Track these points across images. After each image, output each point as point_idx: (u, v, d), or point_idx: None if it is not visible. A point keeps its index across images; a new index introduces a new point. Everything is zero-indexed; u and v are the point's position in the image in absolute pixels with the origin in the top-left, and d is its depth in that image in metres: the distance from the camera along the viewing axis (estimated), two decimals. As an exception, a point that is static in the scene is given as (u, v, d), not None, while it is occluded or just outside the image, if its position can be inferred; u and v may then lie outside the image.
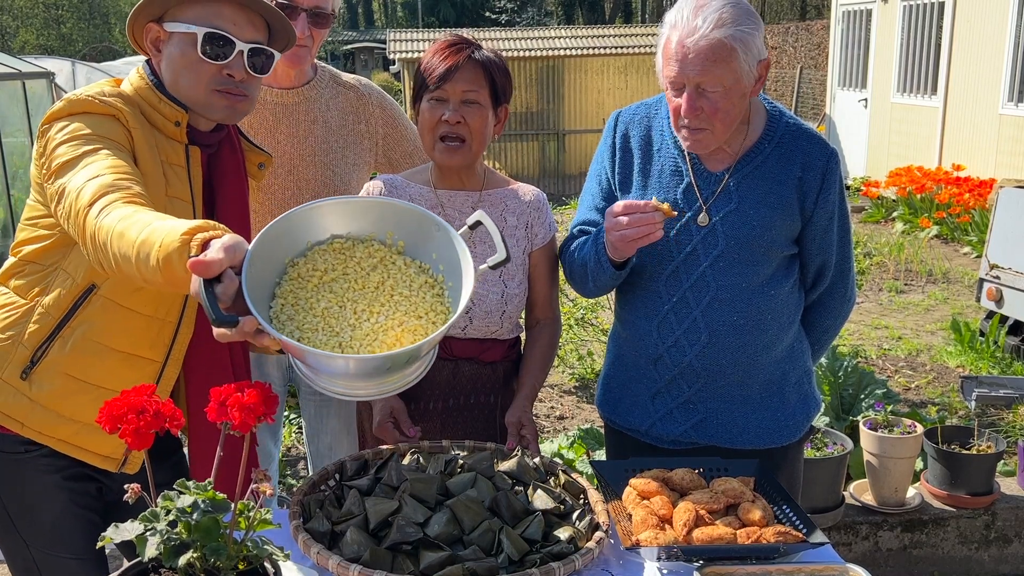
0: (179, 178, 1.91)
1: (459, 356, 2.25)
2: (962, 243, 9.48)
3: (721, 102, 2.01)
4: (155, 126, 1.89)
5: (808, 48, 19.56)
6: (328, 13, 2.46)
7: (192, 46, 1.85)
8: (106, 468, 1.95)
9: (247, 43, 1.88)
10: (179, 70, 1.88)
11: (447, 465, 1.97)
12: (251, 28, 1.89)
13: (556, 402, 5.41)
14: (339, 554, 1.70)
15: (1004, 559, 3.69)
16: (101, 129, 1.78)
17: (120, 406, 1.27)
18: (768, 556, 1.76)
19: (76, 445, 1.93)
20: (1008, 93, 10.67)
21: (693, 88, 2.01)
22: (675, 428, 2.25)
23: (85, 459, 1.94)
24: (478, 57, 2.12)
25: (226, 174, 2.03)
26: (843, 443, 3.60)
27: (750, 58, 2.01)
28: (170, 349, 1.94)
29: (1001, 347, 5.95)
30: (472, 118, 2.13)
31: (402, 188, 2.26)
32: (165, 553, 1.25)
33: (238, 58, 1.87)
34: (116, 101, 1.83)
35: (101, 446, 1.94)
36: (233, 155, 2.05)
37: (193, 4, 1.86)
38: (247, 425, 1.27)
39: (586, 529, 1.83)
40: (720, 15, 1.97)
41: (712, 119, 2.03)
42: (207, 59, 1.85)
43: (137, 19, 1.90)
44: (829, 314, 2.32)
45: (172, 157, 1.91)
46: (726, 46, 1.97)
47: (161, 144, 1.89)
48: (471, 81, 2.11)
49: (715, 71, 1.98)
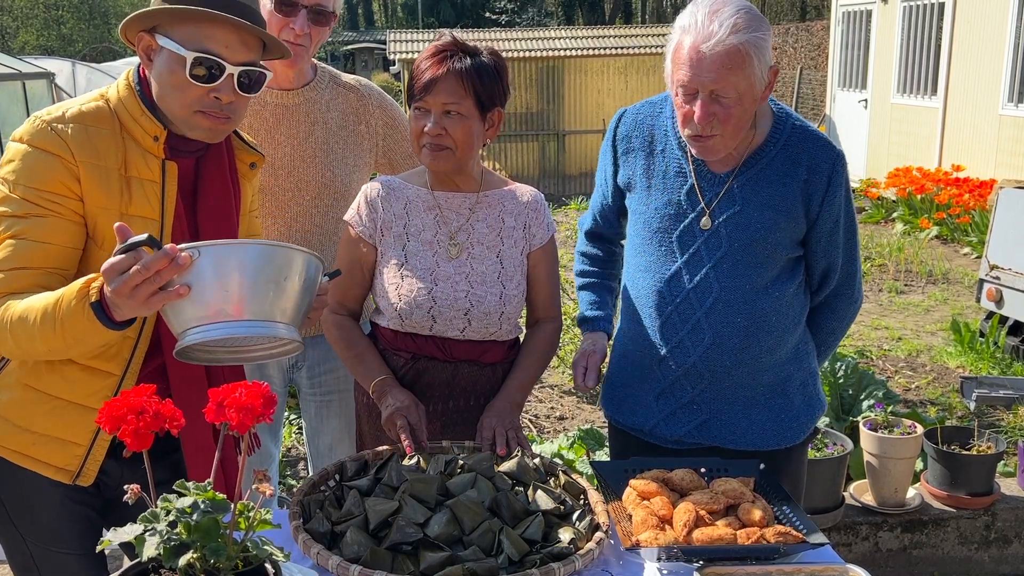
0: (147, 194, 1.88)
1: (458, 358, 2.24)
2: (962, 244, 9.48)
3: (734, 108, 1.99)
4: (133, 137, 1.88)
5: (808, 49, 19.57)
6: (329, 12, 2.44)
7: (181, 67, 1.80)
8: (60, 480, 1.93)
9: (238, 66, 1.84)
10: (166, 87, 1.84)
11: (447, 465, 1.97)
12: (244, 49, 1.85)
13: (556, 402, 5.41)
14: (339, 554, 1.70)
15: (1004, 560, 3.68)
16: (38, 180, 1.78)
17: (120, 407, 1.27)
18: (768, 556, 1.76)
19: (31, 456, 1.92)
20: (1008, 94, 10.67)
21: (707, 95, 1.98)
22: (678, 429, 2.24)
23: (39, 470, 1.92)
24: (460, 67, 2.11)
25: (212, 176, 2.01)
26: (843, 443, 3.60)
27: (763, 64, 1.99)
28: (128, 363, 1.92)
29: (1001, 347, 5.94)
30: (453, 128, 2.12)
31: (400, 190, 2.26)
32: (165, 554, 1.24)
33: (227, 80, 1.84)
34: (68, 131, 1.81)
35: (56, 458, 1.92)
36: (219, 157, 2.01)
37: (185, 22, 1.81)
38: (245, 426, 1.26)
39: (586, 529, 1.83)
40: (736, 20, 1.94)
41: (724, 125, 2.01)
42: (195, 82, 1.81)
43: (129, 28, 1.88)
44: (835, 316, 2.31)
45: (144, 172, 1.88)
46: (742, 52, 1.94)
47: (134, 158, 1.87)
48: (451, 93, 2.10)
49: (730, 78, 1.95)
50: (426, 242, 2.22)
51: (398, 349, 2.26)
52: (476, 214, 2.24)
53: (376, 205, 2.25)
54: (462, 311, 2.19)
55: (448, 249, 2.21)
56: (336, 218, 2.59)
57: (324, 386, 2.71)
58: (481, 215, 2.24)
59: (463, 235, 2.23)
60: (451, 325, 2.20)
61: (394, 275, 2.22)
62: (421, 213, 2.24)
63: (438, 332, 2.21)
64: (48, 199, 1.80)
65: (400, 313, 2.21)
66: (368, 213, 2.26)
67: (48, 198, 1.80)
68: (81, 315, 1.65)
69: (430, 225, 2.23)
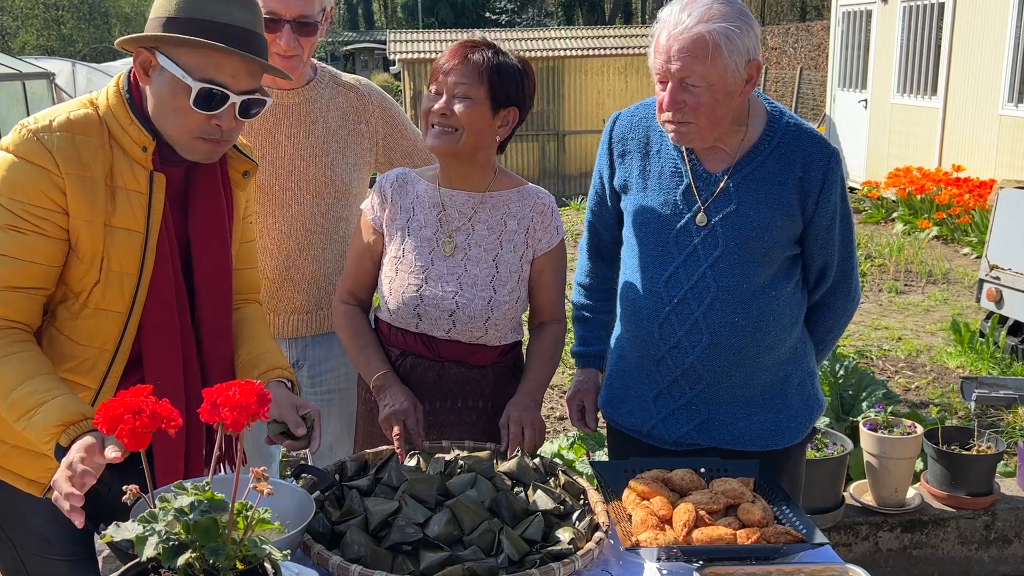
0: (133, 205, 1.84)
1: (445, 358, 2.23)
2: (962, 244, 9.48)
3: (703, 97, 2.01)
4: (121, 146, 1.84)
5: (808, 49, 19.56)
6: (313, 22, 2.42)
7: (185, 94, 1.77)
8: (31, 492, 1.92)
9: (242, 94, 1.82)
10: (166, 109, 1.81)
11: (447, 466, 1.97)
12: (249, 78, 1.83)
13: (556, 403, 5.40)
14: (339, 554, 1.70)
15: (1004, 559, 3.68)
16: (22, 192, 1.76)
17: (117, 407, 1.27)
18: (768, 556, 1.76)
19: (2, 467, 1.92)
20: (1008, 94, 10.66)
21: (676, 82, 2.01)
22: (677, 430, 2.24)
23: (11, 481, 1.92)
24: (479, 57, 2.13)
25: (204, 186, 1.98)
26: (843, 444, 3.59)
27: (736, 56, 1.99)
28: (105, 377, 1.90)
29: (1001, 348, 5.94)
30: (462, 110, 2.12)
31: (412, 184, 2.27)
32: (164, 554, 1.24)
33: (229, 109, 1.82)
34: (54, 140, 1.78)
35: (27, 469, 1.91)
36: (211, 167, 1.98)
37: (191, 49, 1.77)
38: (240, 424, 1.26)
39: (586, 529, 1.83)
40: (706, 11, 1.97)
41: (695, 114, 2.03)
42: (198, 110, 1.79)
43: (127, 42, 1.84)
44: (832, 314, 2.31)
45: (131, 182, 1.84)
46: (708, 41, 1.96)
47: (121, 167, 1.83)
48: (465, 75, 2.12)
49: (696, 66, 1.98)
50: (425, 239, 2.22)
51: (391, 344, 2.27)
52: (478, 215, 2.23)
53: (387, 196, 2.26)
54: (447, 312, 2.18)
55: (444, 246, 2.21)
56: (336, 217, 2.59)
57: (325, 385, 2.71)
58: (483, 216, 2.23)
59: (462, 235, 2.22)
60: (436, 325, 2.19)
61: (390, 268, 2.23)
62: (426, 209, 2.24)
63: (424, 330, 2.21)
64: (32, 213, 1.77)
65: (389, 307, 2.22)
66: (380, 203, 2.27)
67: (33, 212, 1.77)
68: (42, 438, 1.70)
69: (431, 222, 2.23)
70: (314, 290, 2.61)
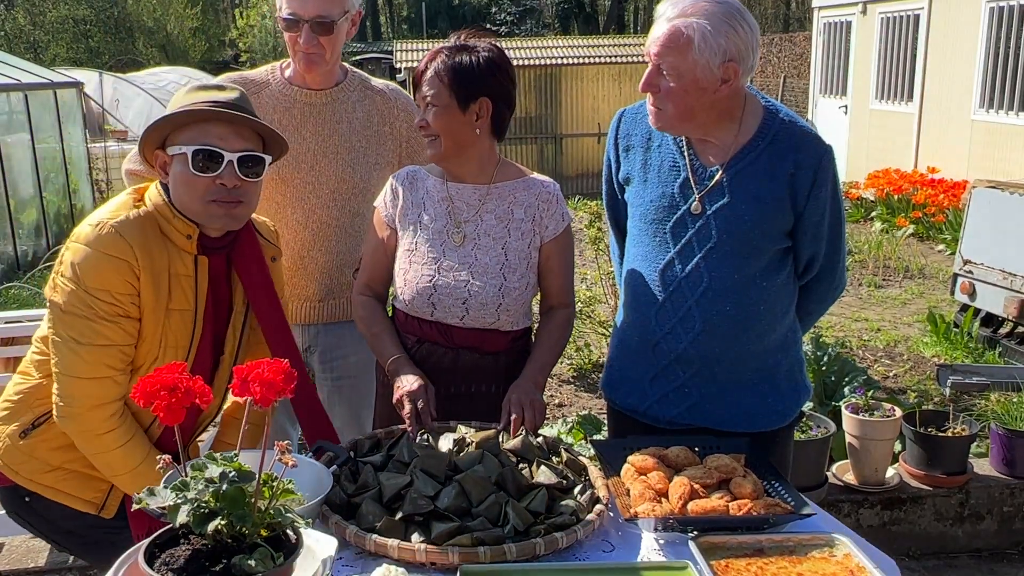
0: (183, 288, 2.00)
1: (459, 345, 2.23)
2: (937, 241, 9.50)
3: (675, 87, 2.03)
4: (169, 239, 1.98)
5: (791, 58, 19.56)
6: (329, 21, 2.44)
7: (186, 164, 1.92)
8: (87, 511, 2.05)
9: (236, 152, 1.94)
10: (179, 187, 1.95)
11: (456, 443, 1.97)
12: (239, 140, 1.96)
13: (555, 391, 5.41)
14: (356, 524, 1.71)
15: (977, 535, 3.69)
16: (108, 282, 1.90)
17: (153, 383, 1.28)
18: (758, 526, 1.77)
19: (60, 490, 2.04)
20: (979, 100, 10.67)
21: (654, 67, 2.05)
22: (671, 410, 2.24)
23: (68, 503, 2.05)
24: (438, 64, 2.15)
25: (250, 261, 2.12)
26: (827, 426, 3.60)
27: (708, 53, 1.98)
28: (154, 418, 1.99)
29: (974, 337, 5.95)
30: (433, 119, 2.16)
31: (422, 180, 2.28)
32: (194, 520, 1.25)
33: (228, 168, 1.94)
34: (132, 235, 1.92)
35: (83, 491, 2.05)
36: (250, 244, 2.13)
37: (187, 128, 1.94)
38: (268, 400, 1.27)
39: (587, 502, 1.84)
40: (689, 6, 1.99)
41: (666, 101, 2.05)
42: (199, 173, 1.92)
43: (146, 147, 1.99)
44: (813, 298, 2.31)
45: (180, 268, 1.99)
46: (683, 34, 1.98)
47: (173, 256, 1.98)
48: (430, 84, 2.15)
49: (669, 56, 2.01)
50: (436, 231, 2.22)
51: (407, 332, 2.27)
52: (485, 205, 2.24)
53: (399, 192, 2.27)
54: (460, 300, 2.18)
55: (453, 237, 2.22)
56: (352, 212, 2.59)
57: (336, 371, 2.71)
58: (490, 206, 2.24)
59: (471, 226, 2.23)
60: (450, 312, 2.20)
61: (404, 260, 2.24)
62: (435, 203, 2.24)
63: (439, 318, 2.22)
64: (118, 301, 1.91)
65: (404, 298, 2.22)
66: (392, 199, 2.28)
67: (115, 300, 1.90)
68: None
69: (441, 215, 2.23)
70: (327, 280, 2.62)
